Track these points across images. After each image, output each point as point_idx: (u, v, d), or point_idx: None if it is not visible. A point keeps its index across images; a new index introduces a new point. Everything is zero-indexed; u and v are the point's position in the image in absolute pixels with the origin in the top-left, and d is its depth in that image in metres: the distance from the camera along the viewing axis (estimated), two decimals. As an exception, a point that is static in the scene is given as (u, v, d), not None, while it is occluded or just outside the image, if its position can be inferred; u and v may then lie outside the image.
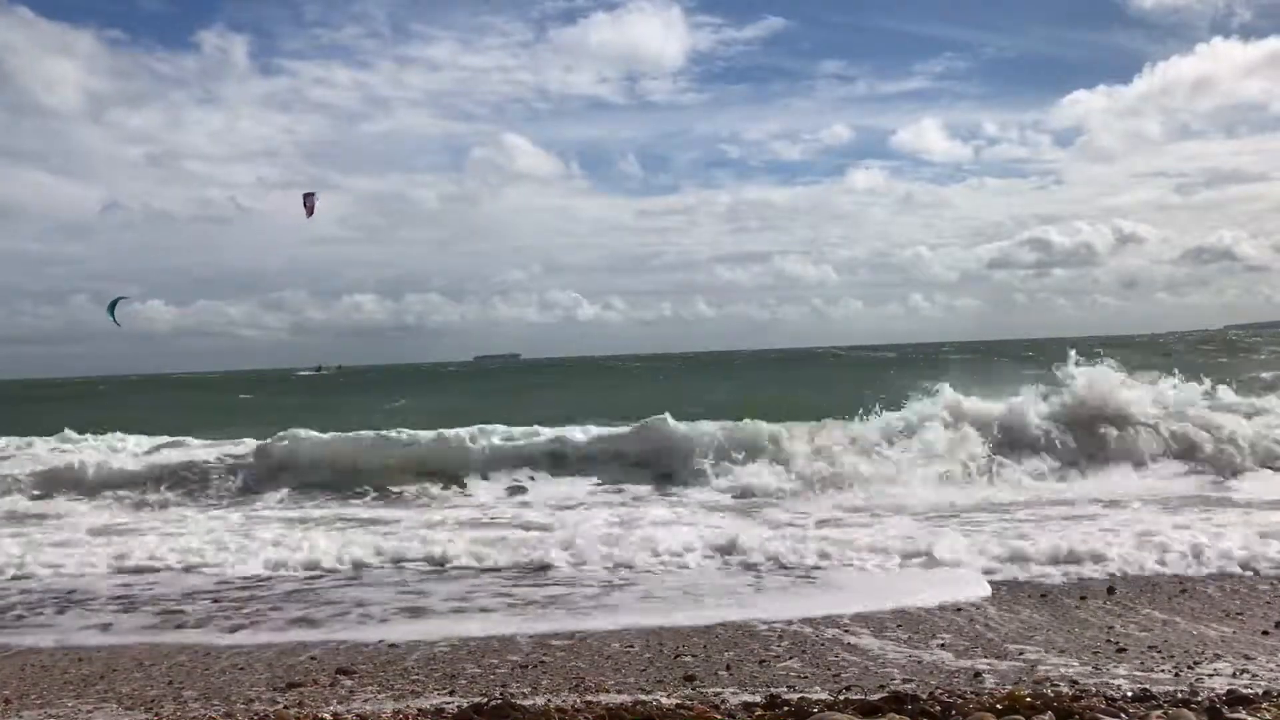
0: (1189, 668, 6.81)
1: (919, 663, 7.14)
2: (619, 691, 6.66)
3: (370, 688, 6.94)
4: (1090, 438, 17.81)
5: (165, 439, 22.59)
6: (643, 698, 6.44)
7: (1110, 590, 9.13)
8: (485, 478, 17.80)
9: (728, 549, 11.04)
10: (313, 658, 7.77)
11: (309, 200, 21.10)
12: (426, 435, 19.12)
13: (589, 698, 6.48)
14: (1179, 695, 6.07)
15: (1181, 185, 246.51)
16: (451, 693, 6.75)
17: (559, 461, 18.33)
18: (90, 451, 20.60)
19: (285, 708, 6.46)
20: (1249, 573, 9.67)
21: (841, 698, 6.28)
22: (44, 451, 21.37)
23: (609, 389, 54.52)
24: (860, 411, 18.86)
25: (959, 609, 8.64)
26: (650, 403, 26.97)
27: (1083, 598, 8.94)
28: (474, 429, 19.17)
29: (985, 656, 7.26)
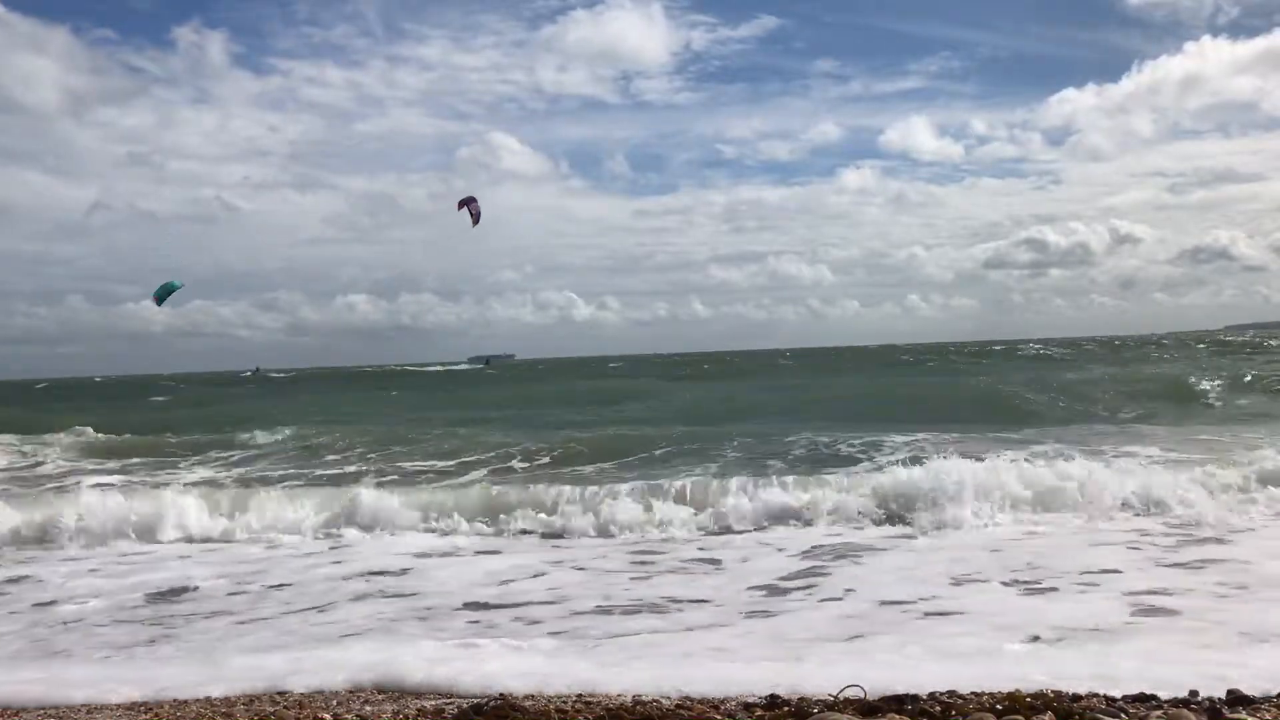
0: (1188, 668, 6.79)
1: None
2: (619, 692, 6.64)
3: (370, 688, 6.91)
4: None
5: None
6: (643, 698, 6.43)
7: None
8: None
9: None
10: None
11: (473, 207, 19.59)
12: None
13: (589, 698, 6.46)
14: (1179, 695, 6.07)
15: (1176, 185, 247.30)
16: (451, 693, 6.73)
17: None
18: None
19: (285, 708, 6.44)
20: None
21: (841, 698, 6.26)
22: None
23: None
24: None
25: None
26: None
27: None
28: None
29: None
